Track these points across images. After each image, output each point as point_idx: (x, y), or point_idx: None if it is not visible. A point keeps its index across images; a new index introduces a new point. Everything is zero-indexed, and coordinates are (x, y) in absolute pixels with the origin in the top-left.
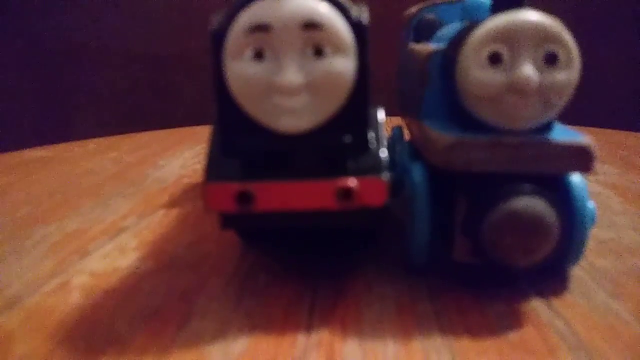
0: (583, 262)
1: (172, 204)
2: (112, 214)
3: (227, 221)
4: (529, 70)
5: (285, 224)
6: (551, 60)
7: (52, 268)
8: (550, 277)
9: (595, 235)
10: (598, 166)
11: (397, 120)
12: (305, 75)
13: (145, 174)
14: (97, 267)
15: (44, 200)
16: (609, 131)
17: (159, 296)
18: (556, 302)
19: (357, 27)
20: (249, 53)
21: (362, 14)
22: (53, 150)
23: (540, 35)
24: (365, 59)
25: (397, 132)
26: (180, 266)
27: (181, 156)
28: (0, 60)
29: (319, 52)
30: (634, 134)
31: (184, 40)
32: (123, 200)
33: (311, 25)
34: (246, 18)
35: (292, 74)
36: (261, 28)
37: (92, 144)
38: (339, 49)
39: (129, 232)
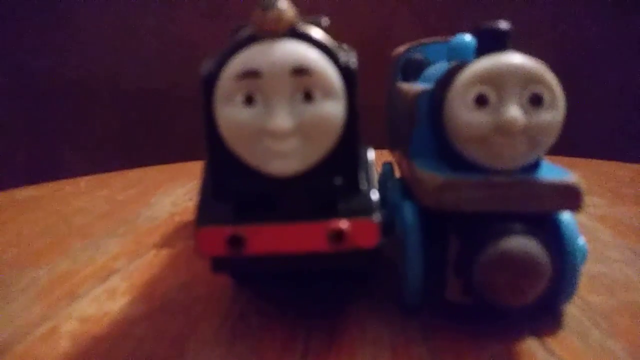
0: (576, 299)
1: (163, 243)
2: (103, 255)
3: (219, 264)
4: (514, 111)
5: (276, 267)
6: (536, 101)
7: (41, 313)
8: (544, 315)
9: (587, 270)
10: (587, 198)
11: (387, 155)
12: (295, 119)
13: (137, 212)
14: (86, 311)
15: (33, 241)
16: (597, 161)
17: (149, 342)
18: (551, 341)
19: (345, 71)
20: (239, 98)
21: (350, 58)
22: (43, 189)
23: (525, 78)
24: (354, 102)
25: (388, 168)
26: (172, 309)
27: (173, 193)
28: None
29: (308, 97)
30: (622, 164)
31: (173, 76)
32: (114, 240)
33: (300, 71)
34: (237, 63)
35: (282, 118)
36: (251, 73)
37: (82, 182)
38: (328, 93)
39: (120, 274)
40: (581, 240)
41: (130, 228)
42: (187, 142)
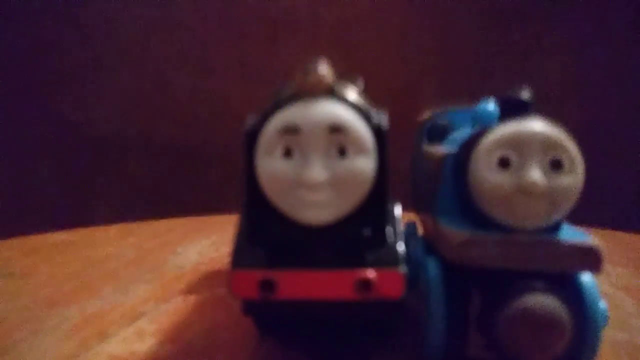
0: None
1: (189, 290)
2: (131, 299)
3: (249, 307)
4: (535, 175)
5: (304, 313)
6: (556, 165)
7: (72, 350)
8: None
9: (609, 337)
10: (610, 268)
11: (411, 216)
12: (329, 172)
13: (164, 260)
14: (115, 350)
15: (65, 282)
16: (620, 233)
17: None
18: None
19: (377, 130)
20: (279, 151)
21: (382, 119)
22: (75, 234)
23: (545, 143)
24: (384, 159)
25: (411, 227)
26: (196, 353)
27: (198, 243)
28: (28, 145)
29: (342, 152)
30: None
31: (203, 133)
32: (142, 285)
33: (336, 129)
34: (278, 120)
35: (317, 171)
36: (291, 129)
37: (112, 229)
38: (360, 150)
39: (147, 317)
40: (602, 304)
41: (157, 275)
42: (214, 196)
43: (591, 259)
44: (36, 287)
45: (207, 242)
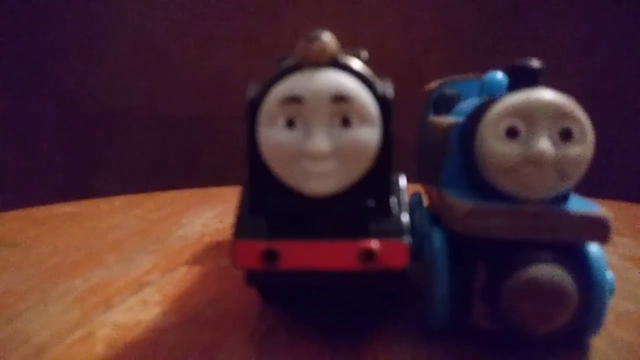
0: (603, 333)
1: (193, 260)
2: (136, 269)
3: (252, 278)
4: (544, 144)
5: (307, 283)
6: (566, 135)
7: (77, 319)
8: (570, 347)
9: (615, 306)
10: (617, 238)
11: (416, 187)
12: (332, 143)
13: (168, 231)
14: (120, 319)
15: (70, 253)
16: (627, 204)
17: (180, 351)
18: None
19: (382, 100)
20: (281, 121)
21: (387, 88)
22: (80, 206)
23: (555, 113)
24: (389, 129)
25: (416, 199)
26: (202, 322)
27: (203, 215)
28: (31, 119)
29: (346, 122)
30: None
31: (207, 105)
32: (146, 256)
33: (340, 98)
34: (280, 90)
35: (321, 141)
36: (294, 99)
37: (117, 201)
38: (364, 119)
39: (152, 287)
40: (609, 274)
41: (162, 245)
42: (218, 168)
43: (599, 230)
44: (41, 258)
45: (211, 214)
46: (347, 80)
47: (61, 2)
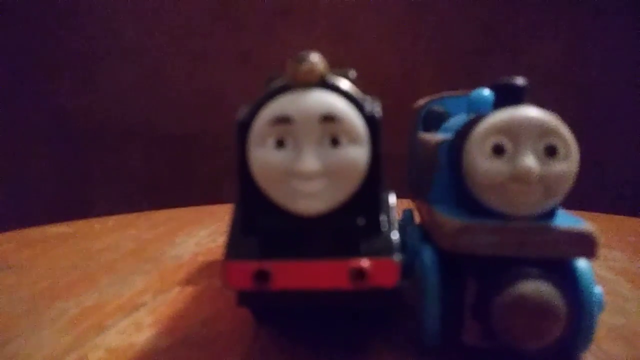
0: (594, 349)
1: (187, 281)
2: (129, 290)
3: (244, 298)
4: (529, 161)
5: (299, 303)
6: (550, 152)
7: (70, 342)
8: None
9: (605, 321)
10: (607, 252)
11: (408, 203)
12: (322, 162)
13: (162, 251)
14: (113, 342)
15: (63, 275)
16: (617, 217)
17: None
18: None
19: (370, 119)
20: (271, 141)
21: (375, 107)
22: (73, 227)
23: (540, 130)
24: (377, 148)
25: (408, 215)
26: (194, 343)
27: (196, 234)
28: (24, 137)
29: (335, 142)
30: None
31: (201, 123)
32: (139, 277)
33: (329, 118)
34: (270, 110)
35: (310, 161)
36: (283, 120)
37: (111, 221)
38: (353, 139)
39: (145, 308)
40: (598, 289)
41: (155, 266)
42: (212, 186)
43: (586, 245)
44: (34, 280)
45: (205, 233)
46: (336, 100)
47: (57, 19)
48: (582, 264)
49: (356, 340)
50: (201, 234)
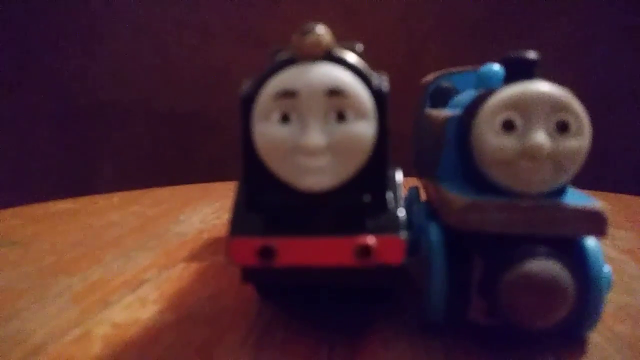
0: (601, 328)
1: (191, 257)
2: (134, 266)
3: (248, 275)
4: (540, 137)
5: (304, 280)
6: (562, 127)
7: (75, 317)
8: (568, 342)
9: (613, 300)
10: (615, 232)
11: (414, 181)
12: (327, 138)
13: (166, 228)
14: (118, 317)
15: (68, 250)
16: (626, 197)
17: (177, 349)
18: None
19: (377, 94)
20: (275, 116)
21: (382, 82)
22: (78, 203)
23: (551, 105)
24: (384, 123)
25: (414, 192)
26: (199, 319)
27: (201, 211)
28: (27, 115)
29: (341, 117)
30: None
31: (204, 100)
32: (144, 253)
33: (335, 92)
34: (275, 84)
35: (316, 136)
36: (288, 94)
37: (115, 197)
38: (360, 114)
39: (150, 284)
40: (606, 268)
41: (160, 242)
42: (216, 163)
43: (596, 223)
44: (39, 256)
45: (209, 209)
46: (342, 74)
47: None
48: (591, 242)
49: (360, 317)
50: (205, 210)
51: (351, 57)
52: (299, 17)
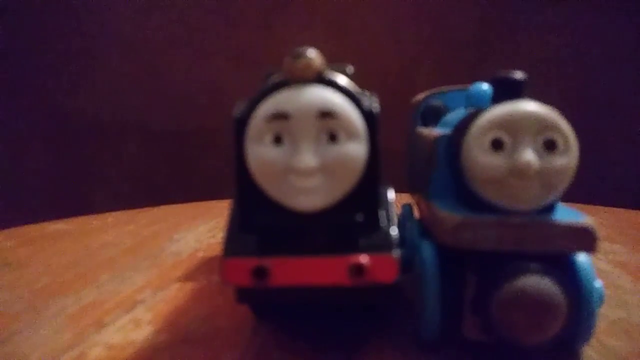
0: (594, 342)
1: (186, 277)
2: (128, 287)
3: (243, 295)
4: (528, 155)
5: (298, 299)
6: (550, 146)
7: (69, 340)
8: (562, 357)
9: (606, 315)
10: (608, 245)
11: (407, 198)
12: (319, 158)
13: (161, 248)
14: (112, 339)
15: (62, 272)
16: (618, 210)
17: None
18: None
19: (368, 115)
20: (268, 138)
21: (373, 103)
22: (72, 223)
23: (539, 124)
24: (375, 143)
25: (407, 210)
26: (194, 340)
27: (196, 230)
28: (22, 134)
29: (333, 138)
30: None
31: (199, 119)
32: (139, 273)
33: (326, 114)
34: (267, 107)
35: (308, 157)
36: (281, 116)
37: (109, 218)
38: (351, 135)
39: (144, 305)
40: (598, 283)
41: (154, 262)
42: (210, 182)
43: (585, 239)
44: (33, 277)
45: (204, 228)
46: (333, 96)
47: (53, 15)
48: (582, 258)
49: (355, 335)
50: (200, 229)
51: (342, 80)
52: (291, 37)
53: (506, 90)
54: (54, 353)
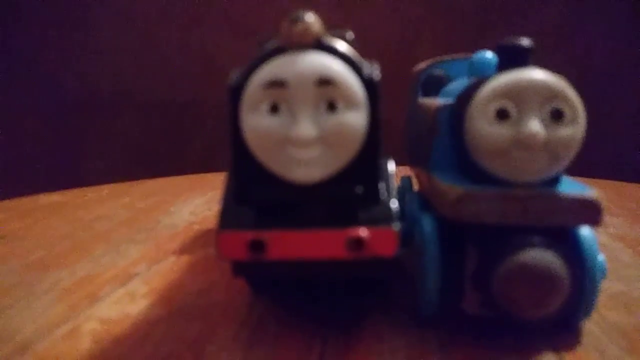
0: (594, 316)
1: (182, 250)
2: (123, 260)
3: (239, 268)
4: (535, 126)
5: (296, 273)
6: (557, 116)
7: (63, 313)
8: (562, 331)
9: (606, 288)
10: (607, 218)
11: (406, 170)
12: (318, 128)
13: (156, 220)
14: (107, 313)
15: (56, 245)
16: (618, 183)
17: (168, 344)
18: (568, 357)
19: (368, 83)
20: (264, 107)
21: (374, 70)
22: (67, 196)
23: (545, 93)
24: (376, 113)
25: (406, 182)
26: (190, 314)
27: (191, 202)
28: (16, 107)
29: (331, 107)
30: None
31: (194, 90)
32: (134, 246)
33: (325, 82)
34: (263, 74)
35: (306, 127)
36: (277, 83)
37: (105, 190)
38: (351, 103)
39: (140, 278)
40: (600, 257)
41: (150, 235)
42: (206, 153)
43: (591, 213)
44: (27, 250)
45: (200, 201)
46: (332, 62)
47: None
48: (585, 232)
49: (353, 310)
50: (196, 202)
51: (341, 46)
52: (288, 7)
53: (512, 58)
54: (48, 327)
